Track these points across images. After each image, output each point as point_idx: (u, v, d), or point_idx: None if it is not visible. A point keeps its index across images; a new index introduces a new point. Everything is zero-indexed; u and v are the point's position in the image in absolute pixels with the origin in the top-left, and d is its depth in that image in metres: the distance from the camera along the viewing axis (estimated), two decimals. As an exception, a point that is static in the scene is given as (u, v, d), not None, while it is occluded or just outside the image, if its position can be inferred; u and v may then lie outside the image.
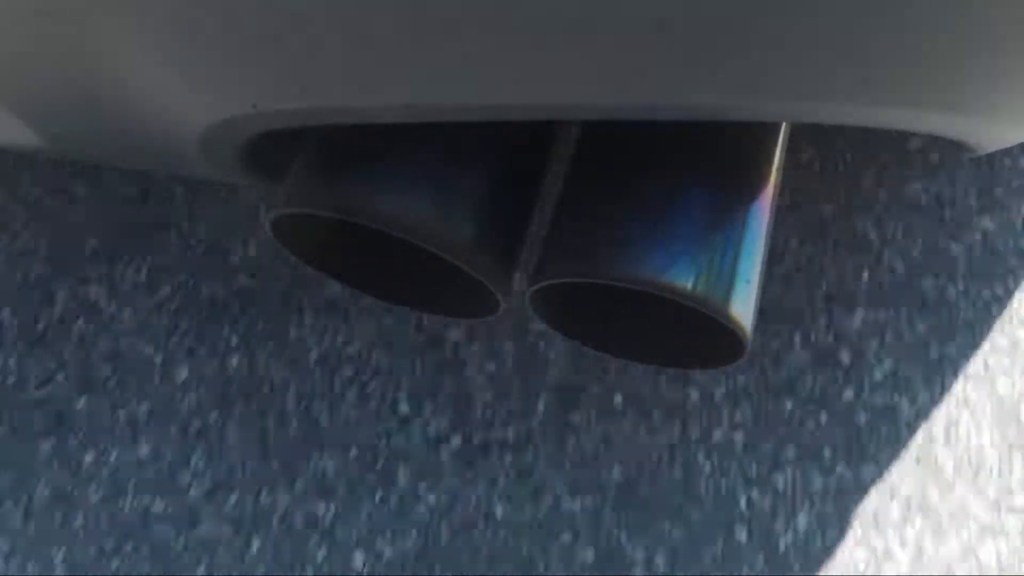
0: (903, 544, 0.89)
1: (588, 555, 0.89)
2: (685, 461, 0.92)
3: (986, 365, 0.96)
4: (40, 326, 1.00)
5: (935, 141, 1.05)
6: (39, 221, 1.05)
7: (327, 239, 0.76)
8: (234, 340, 0.99)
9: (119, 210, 1.06)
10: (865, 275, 1.00)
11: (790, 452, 0.92)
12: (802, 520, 0.90)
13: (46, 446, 0.95)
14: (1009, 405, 0.94)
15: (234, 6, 0.48)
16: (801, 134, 1.07)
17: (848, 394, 0.95)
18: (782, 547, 0.89)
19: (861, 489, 0.91)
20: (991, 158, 1.06)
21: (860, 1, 0.43)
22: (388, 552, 0.89)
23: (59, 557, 0.90)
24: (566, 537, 0.89)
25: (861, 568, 0.88)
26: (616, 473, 0.91)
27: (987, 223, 1.03)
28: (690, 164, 0.64)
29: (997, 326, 0.98)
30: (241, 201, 1.06)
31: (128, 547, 0.90)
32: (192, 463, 0.93)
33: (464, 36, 0.46)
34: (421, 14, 0.45)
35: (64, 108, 0.64)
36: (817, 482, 0.91)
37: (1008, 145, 0.68)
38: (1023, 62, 0.49)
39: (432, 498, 0.91)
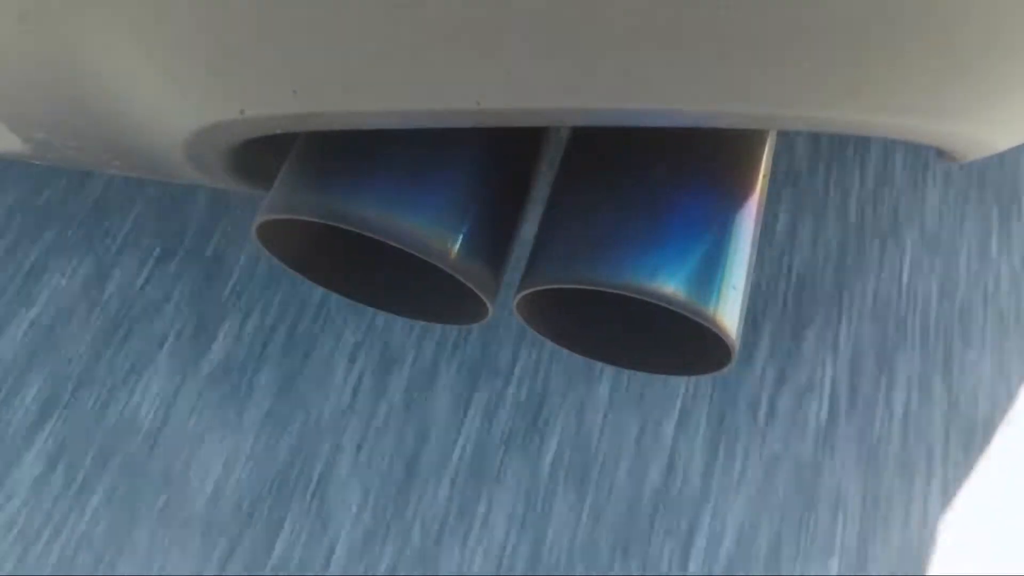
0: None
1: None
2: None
3: None
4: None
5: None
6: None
7: (314, 245, 0.76)
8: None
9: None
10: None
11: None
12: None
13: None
14: None
15: (222, 7, 0.47)
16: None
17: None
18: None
19: None
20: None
21: (844, 9, 0.43)
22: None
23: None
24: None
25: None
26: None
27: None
28: (678, 169, 0.64)
29: None
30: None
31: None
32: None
33: (459, 40, 0.46)
34: (416, 17, 0.45)
35: (48, 114, 0.63)
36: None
37: (994, 152, 0.68)
38: (1011, 67, 0.49)
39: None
